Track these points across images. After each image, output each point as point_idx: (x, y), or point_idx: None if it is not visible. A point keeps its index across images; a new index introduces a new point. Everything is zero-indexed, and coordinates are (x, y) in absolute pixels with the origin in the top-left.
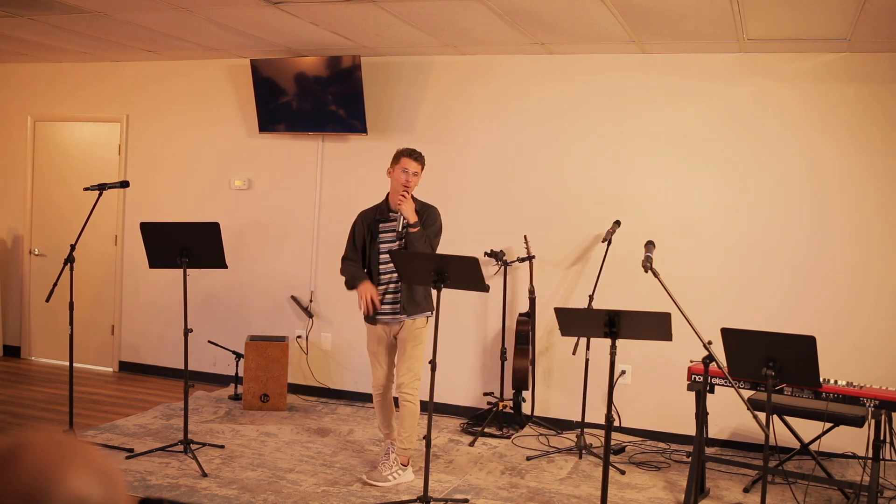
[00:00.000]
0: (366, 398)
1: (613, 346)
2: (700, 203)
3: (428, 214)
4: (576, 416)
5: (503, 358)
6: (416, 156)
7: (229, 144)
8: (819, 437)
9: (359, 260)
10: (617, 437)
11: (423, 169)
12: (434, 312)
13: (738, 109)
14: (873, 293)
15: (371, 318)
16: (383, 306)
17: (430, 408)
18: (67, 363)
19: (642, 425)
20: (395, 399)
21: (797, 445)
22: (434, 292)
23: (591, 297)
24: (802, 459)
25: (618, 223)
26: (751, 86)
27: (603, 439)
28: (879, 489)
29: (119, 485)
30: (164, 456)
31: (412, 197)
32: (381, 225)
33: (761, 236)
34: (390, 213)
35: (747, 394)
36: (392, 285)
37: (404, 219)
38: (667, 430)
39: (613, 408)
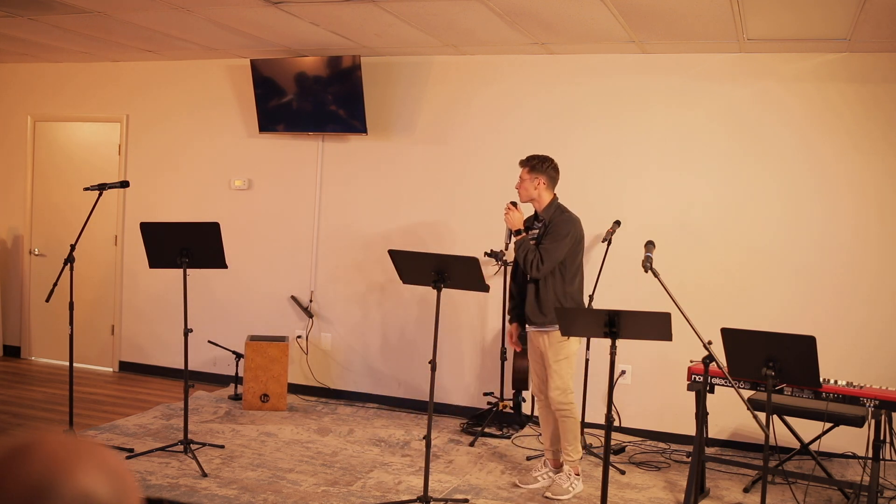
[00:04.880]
0: (366, 398)
1: (613, 346)
2: (700, 203)
3: (554, 222)
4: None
5: (503, 358)
6: (520, 162)
7: (229, 144)
8: (819, 437)
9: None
10: (617, 437)
11: (531, 170)
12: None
13: (738, 109)
14: (874, 293)
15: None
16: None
17: (430, 408)
18: (67, 363)
19: (642, 425)
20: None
21: (797, 445)
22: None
23: (591, 297)
24: (802, 459)
25: (618, 223)
26: (751, 86)
27: (603, 439)
28: (879, 489)
29: (129, 486)
30: (164, 456)
31: (558, 205)
32: (514, 237)
33: (761, 236)
34: (536, 221)
35: (747, 394)
36: (524, 294)
37: (508, 228)
38: (667, 430)
39: (613, 408)
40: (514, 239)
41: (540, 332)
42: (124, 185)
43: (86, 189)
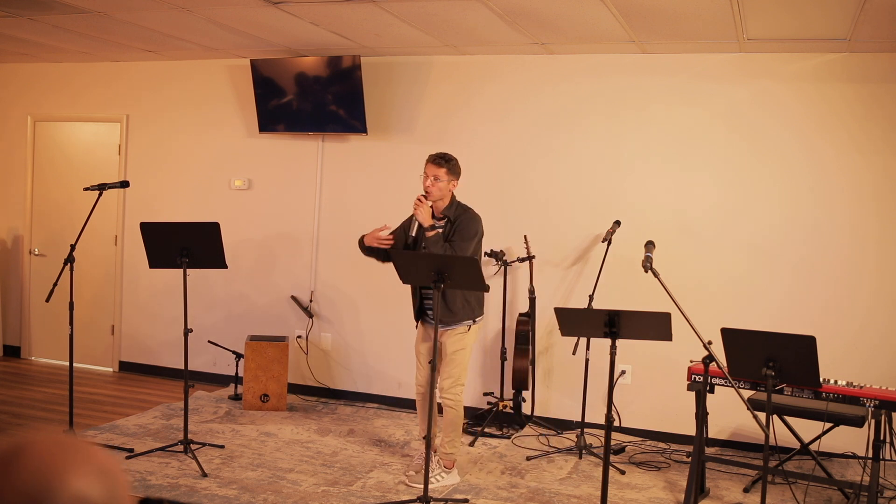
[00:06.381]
0: (365, 398)
1: (613, 346)
2: (700, 203)
3: (460, 221)
4: (576, 416)
5: (503, 358)
6: (433, 158)
7: (229, 144)
8: (819, 437)
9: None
10: (617, 437)
11: (449, 171)
12: (476, 319)
13: (738, 109)
14: (873, 293)
15: (418, 316)
16: (429, 311)
17: (431, 407)
18: (67, 363)
19: (642, 425)
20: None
21: (797, 445)
22: (479, 297)
23: (591, 297)
24: (802, 459)
25: (618, 223)
26: (751, 86)
27: (603, 439)
28: (879, 489)
29: (121, 486)
30: (164, 456)
31: (458, 202)
32: (427, 233)
33: (761, 236)
34: (436, 221)
35: (747, 394)
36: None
37: (415, 222)
38: (667, 430)
39: (613, 408)
40: (427, 234)
41: (446, 329)
42: (124, 185)
43: (86, 189)
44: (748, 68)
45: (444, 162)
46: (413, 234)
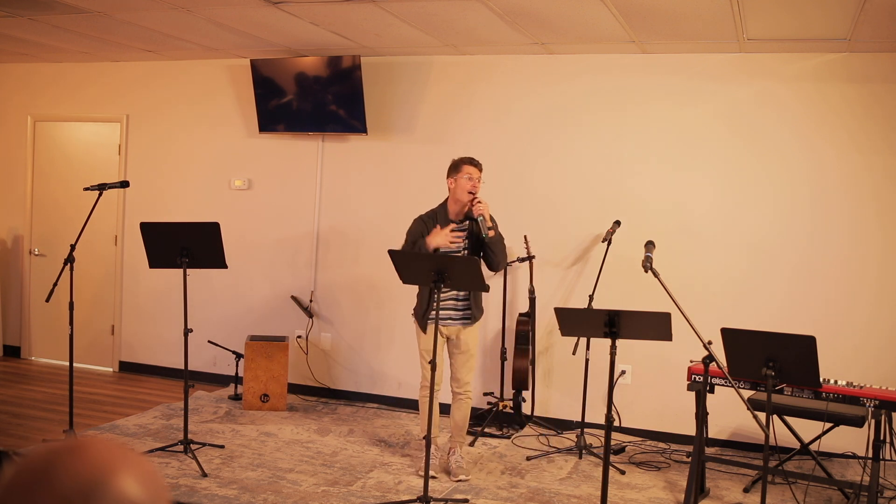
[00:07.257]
0: (365, 398)
1: (613, 346)
2: (700, 203)
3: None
4: (576, 416)
5: (503, 358)
6: (475, 163)
7: (229, 144)
8: (819, 437)
9: None
10: (617, 437)
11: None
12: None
13: (738, 109)
14: (873, 293)
15: (427, 322)
16: (450, 311)
17: (431, 407)
18: (67, 363)
19: (642, 425)
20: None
21: (797, 445)
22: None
23: (591, 297)
24: (802, 459)
25: (618, 223)
26: (751, 86)
27: (603, 439)
28: (879, 489)
29: (163, 492)
30: (164, 456)
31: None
32: (489, 232)
33: (761, 236)
34: (453, 222)
35: (747, 394)
36: (461, 292)
37: (485, 222)
38: (667, 430)
39: (613, 408)
40: (489, 234)
41: (470, 326)
42: (124, 185)
43: (86, 189)
44: (748, 68)
45: (480, 165)
46: (484, 236)
